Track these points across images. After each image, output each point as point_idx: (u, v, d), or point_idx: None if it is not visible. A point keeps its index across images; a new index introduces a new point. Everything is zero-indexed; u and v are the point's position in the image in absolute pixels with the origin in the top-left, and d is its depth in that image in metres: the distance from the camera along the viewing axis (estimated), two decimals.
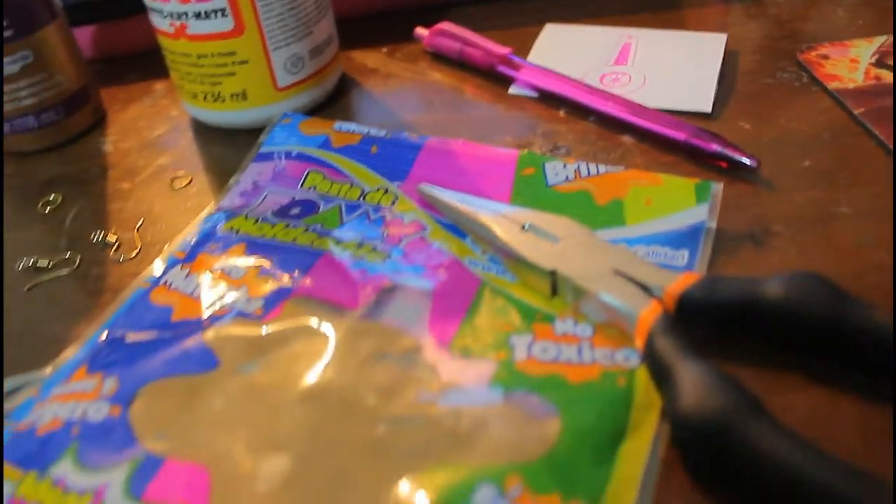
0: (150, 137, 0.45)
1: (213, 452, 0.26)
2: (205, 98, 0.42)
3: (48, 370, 0.30)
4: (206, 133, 0.44)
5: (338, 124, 0.40)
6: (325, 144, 0.39)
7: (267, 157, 0.39)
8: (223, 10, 0.38)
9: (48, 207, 0.41)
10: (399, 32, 0.51)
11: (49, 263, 0.37)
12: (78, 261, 0.37)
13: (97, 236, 0.38)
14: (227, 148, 0.43)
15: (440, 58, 0.48)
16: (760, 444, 0.22)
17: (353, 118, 0.43)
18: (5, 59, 0.41)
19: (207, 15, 0.38)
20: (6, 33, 0.41)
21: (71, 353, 0.31)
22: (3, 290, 0.35)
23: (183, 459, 0.26)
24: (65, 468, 0.26)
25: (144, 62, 0.52)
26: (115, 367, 0.29)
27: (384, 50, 0.49)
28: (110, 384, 0.28)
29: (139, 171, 0.42)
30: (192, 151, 0.43)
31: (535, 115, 0.42)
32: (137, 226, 0.38)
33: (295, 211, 0.36)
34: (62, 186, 0.42)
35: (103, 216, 0.39)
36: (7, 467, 0.26)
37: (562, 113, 0.42)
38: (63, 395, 0.29)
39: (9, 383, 0.30)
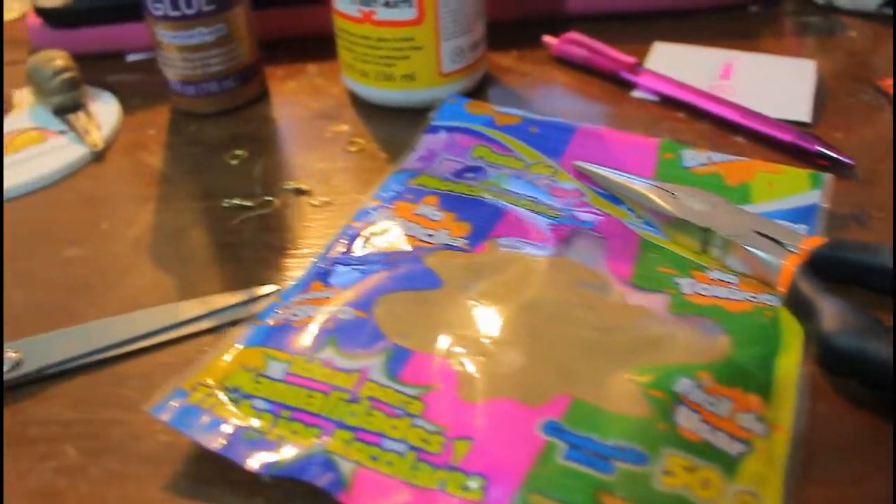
0: (313, 109, 0.51)
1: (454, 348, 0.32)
2: (376, 77, 0.48)
3: (275, 287, 0.37)
4: (367, 108, 0.51)
5: (498, 107, 0.47)
6: (490, 123, 0.46)
7: (437, 129, 0.46)
8: (410, 1, 0.45)
9: (236, 160, 0.47)
10: (525, 39, 0.58)
11: (252, 203, 0.43)
12: (277, 203, 0.43)
13: (288, 185, 0.44)
14: (389, 122, 0.49)
15: (564, 63, 0.55)
16: (889, 354, 0.29)
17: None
18: (202, 30, 0.48)
19: (396, 4, 0.45)
20: (207, 7, 0.47)
21: (298, 273, 0.37)
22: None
23: (428, 353, 0.31)
24: (329, 353, 0.32)
25: (294, 45, 0.59)
26: (349, 282, 0.36)
27: (514, 53, 0.56)
28: (348, 295, 0.35)
29: (313, 136, 0.49)
30: (357, 123, 0.49)
31: (658, 115, 0.49)
32: (324, 178, 0.44)
33: (469, 175, 0.43)
34: (244, 143, 0.48)
35: (288, 169, 0.46)
36: (272, 351, 0.32)
37: (681, 115, 0.49)
38: (307, 300, 0.35)
39: (245, 293, 0.37)
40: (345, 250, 0.38)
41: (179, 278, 0.38)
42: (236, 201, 0.42)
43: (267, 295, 0.36)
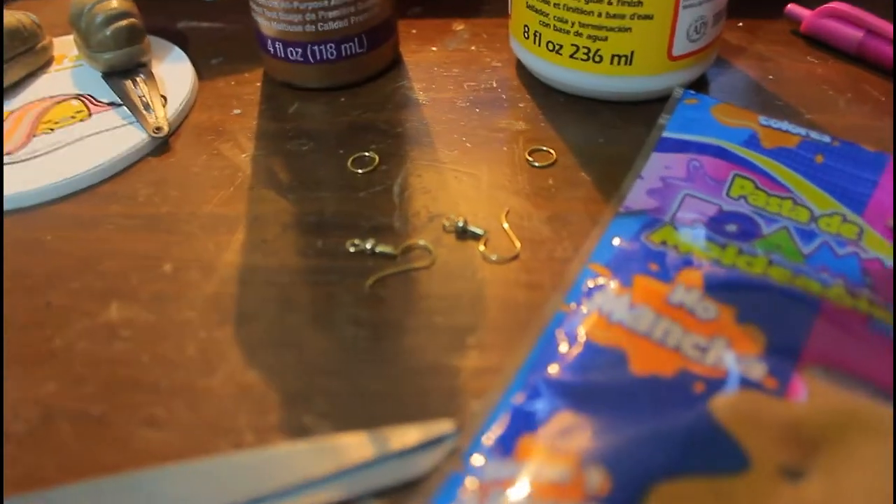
0: (468, 92, 0.35)
1: None
2: (573, 54, 0.32)
3: (450, 428, 0.21)
4: (550, 95, 0.34)
5: (764, 118, 0.30)
6: (753, 142, 0.29)
7: (672, 145, 0.29)
8: None
9: (362, 168, 0.31)
10: (757, 5, 0.40)
11: (394, 250, 0.27)
12: (434, 252, 0.27)
13: (452, 222, 0.28)
14: (587, 120, 0.33)
15: (819, 45, 0.37)
16: None
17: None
18: None
19: None
20: None
21: (484, 407, 0.21)
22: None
23: None
24: None
25: None
26: (590, 450, 0.20)
27: (741, 25, 0.39)
28: (596, 478, 0.19)
29: (474, 135, 0.33)
30: (537, 118, 0.33)
31: None
32: (504, 213, 0.28)
33: (731, 228, 0.26)
34: (372, 140, 0.33)
35: (445, 191, 0.30)
36: None
37: None
38: (517, 479, 0.19)
39: (395, 435, 0.21)
40: (559, 365, 0.22)
41: (270, 386, 0.23)
42: (369, 245, 0.26)
43: (439, 441, 0.20)
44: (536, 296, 0.25)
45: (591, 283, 0.25)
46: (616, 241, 0.26)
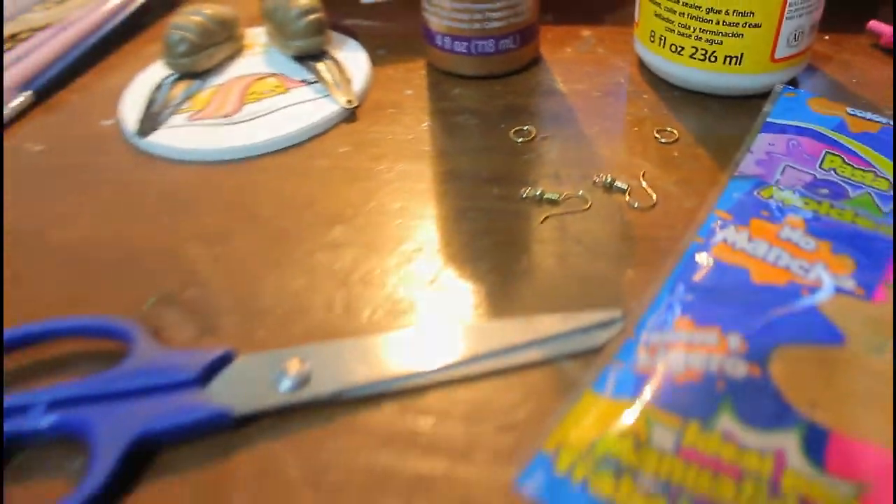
0: (600, 84, 0.43)
1: (882, 435, 0.24)
2: (693, 55, 0.40)
3: (618, 313, 0.29)
4: (667, 90, 0.43)
5: (851, 109, 0.38)
6: (841, 127, 0.37)
7: (775, 128, 0.37)
8: None
9: (522, 138, 0.39)
10: (840, 20, 0.49)
11: (558, 196, 0.35)
12: (590, 200, 0.35)
13: (601, 178, 0.36)
14: (700, 110, 0.41)
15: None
16: None
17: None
18: None
19: None
20: None
21: (643, 298, 0.29)
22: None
23: (849, 436, 0.24)
24: (726, 423, 0.24)
25: (561, 3, 0.51)
26: (731, 323, 0.28)
27: (826, 37, 0.47)
28: (736, 341, 0.27)
29: (608, 118, 0.40)
30: (659, 107, 0.41)
31: None
32: (641, 174, 0.36)
33: (823, 191, 0.34)
34: (525, 119, 0.41)
35: (590, 158, 0.38)
36: (652, 410, 0.25)
37: None
38: (675, 342, 0.27)
39: (575, 318, 0.29)
40: (700, 275, 0.30)
41: (476, 290, 0.31)
42: (538, 192, 0.34)
43: (609, 323, 0.28)
44: (673, 233, 0.33)
45: (717, 223, 0.33)
46: (734, 195, 0.34)
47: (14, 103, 0.45)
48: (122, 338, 0.29)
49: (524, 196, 0.35)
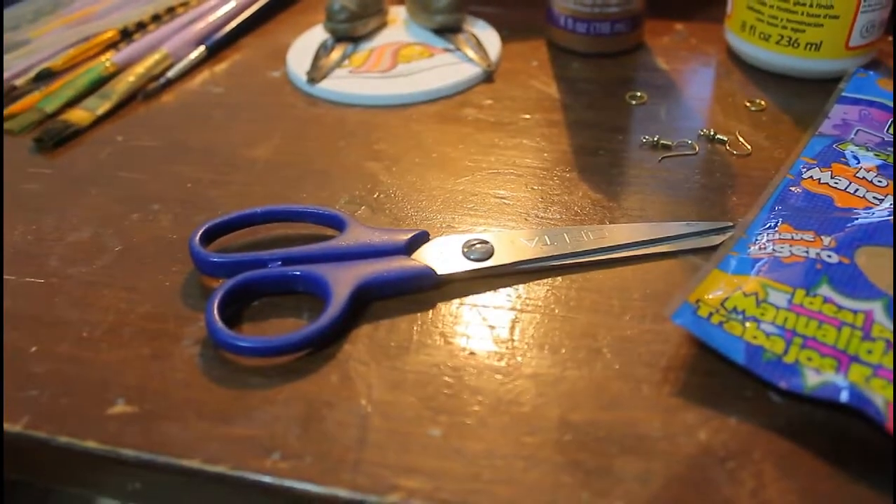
0: (695, 64, 0.52)
1: None
2: (778, 41, 0.48)
3: (729, 223, 0.38)
4: (754, 72, 0.51)
5: None
6: None
7: (848, 101, 0.45)
8: None
9: (635, 101, 0.48)
10: None
11: (673, 143, 0.43)
12: (697, 148, 0.43)
13: (705, 132, 0.44)
14: (782, 88, 0.49)
15: None
16: None
17: None
18: None
19: None
20: None
21: (749, 215, 0.37)
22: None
23: None
24: (826, 292, 0.32)
25: (659, 2, 0.59)
26: (823, 228, 0.35)
27: (889, 38, 0.56)
28: (827, 240, 0.35)
29: (704, 90, 0.49)
30: (747, 84, 0.49)
31: None
32: (737, 131, 0.45)
33: (890, 149, 0.42)
34: (637, 87, 0.49)
35: (693, 118, 0.46)
36: (767, 280, 0.33)
37: None
38: (782, 240, 0.35)
39: (697, 225, 0.38)
40: (794, 200, 0.38)
41: (613, 201, 0.39)
42: (655, 139, 0.42)
43: (723, 229, 0.37)
44: (767, 174, 0.41)
45: (804, 166, 0.41)
46: (817, 147, 0.43)
47: (193, 55, 0.53)
48: (335, 222, 0.37)
49: (643, 141, 0.43)
